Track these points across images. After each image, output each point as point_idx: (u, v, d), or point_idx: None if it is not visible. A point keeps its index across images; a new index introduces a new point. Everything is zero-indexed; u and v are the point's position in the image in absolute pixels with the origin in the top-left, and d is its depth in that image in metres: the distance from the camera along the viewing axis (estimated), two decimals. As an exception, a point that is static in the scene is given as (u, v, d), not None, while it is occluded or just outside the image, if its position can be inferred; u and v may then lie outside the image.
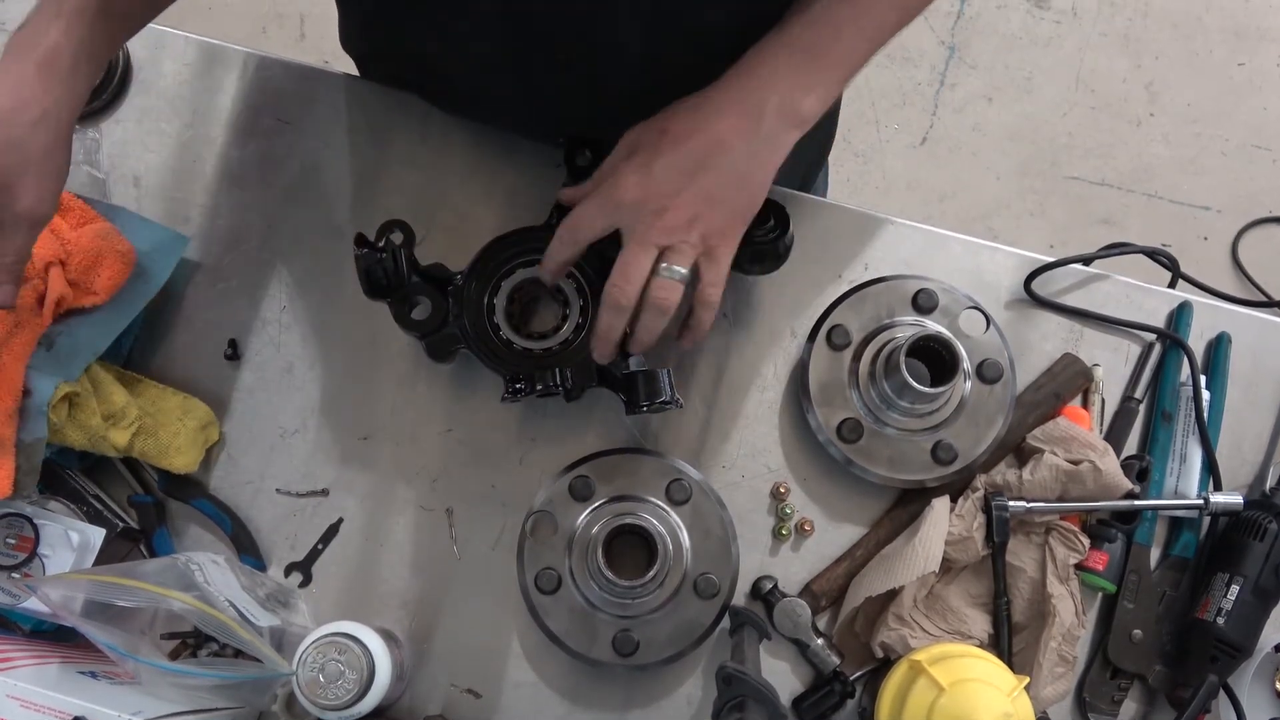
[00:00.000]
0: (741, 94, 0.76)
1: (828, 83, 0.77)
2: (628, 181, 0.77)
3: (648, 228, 0.77)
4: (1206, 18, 2.32)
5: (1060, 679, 0.89)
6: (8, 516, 0.87)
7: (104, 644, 0.78)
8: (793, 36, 0.76)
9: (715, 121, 0.76)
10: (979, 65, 2.29)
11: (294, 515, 0.95)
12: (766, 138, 0.76)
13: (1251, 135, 2.26)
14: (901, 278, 0.95)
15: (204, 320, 0.97)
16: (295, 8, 2.31)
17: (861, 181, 2.24)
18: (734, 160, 0.76)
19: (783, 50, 0.76)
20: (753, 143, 0.76)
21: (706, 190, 0.76)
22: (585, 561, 0.89)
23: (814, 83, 0.76)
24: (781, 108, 0.76)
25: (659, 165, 0.76)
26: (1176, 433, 0.96)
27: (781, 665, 0.93)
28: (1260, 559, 0.89)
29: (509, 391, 0.87)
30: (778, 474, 0.96)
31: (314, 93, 1.01)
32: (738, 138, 0.76)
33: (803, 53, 0.76)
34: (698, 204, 0.76)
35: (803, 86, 0.76)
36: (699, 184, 0.76)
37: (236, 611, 0.81)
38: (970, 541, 0.90)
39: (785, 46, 0.76)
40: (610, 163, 0.81)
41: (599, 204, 0.79)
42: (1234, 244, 2.21)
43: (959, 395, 0.92)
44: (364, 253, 0.85)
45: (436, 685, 0.93)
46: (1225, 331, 0.98)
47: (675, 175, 0.76)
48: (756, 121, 0.76)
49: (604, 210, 0.79)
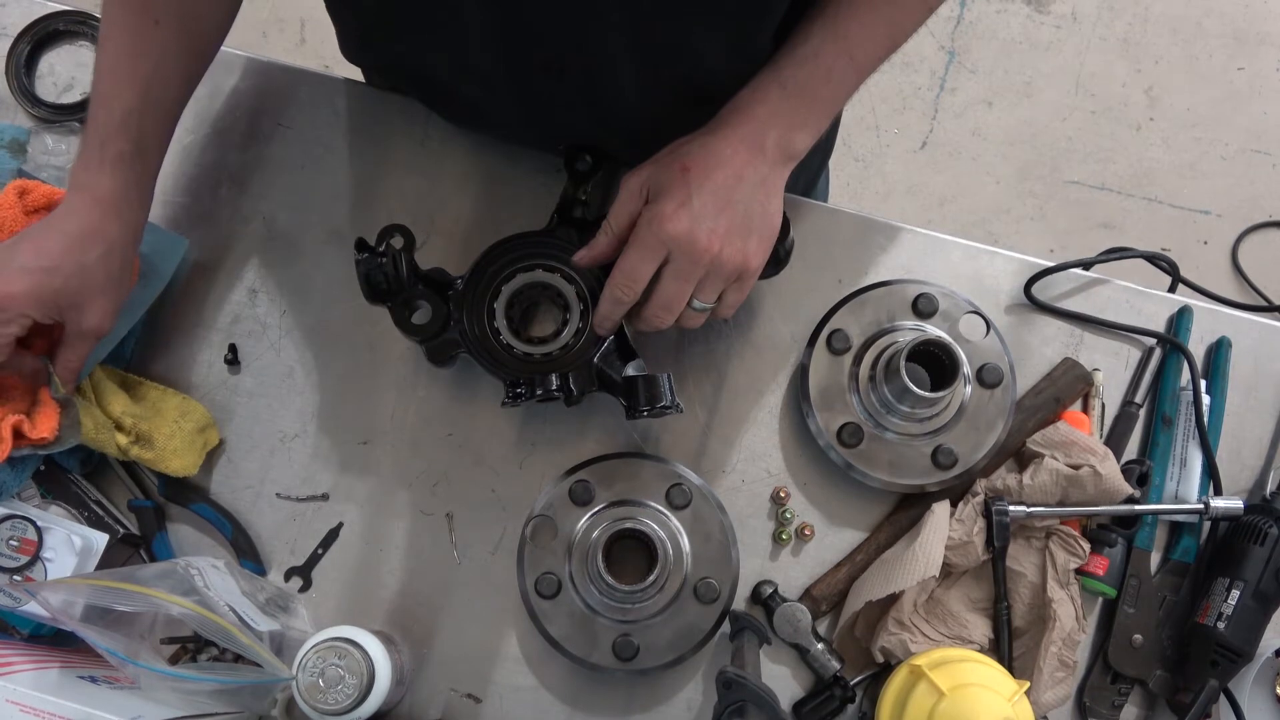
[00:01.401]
0: (745, 132, 0.79)
1: (819, 119, 0.82)
2: (674, 219, 0.78)
3: (693, 263, 0.79)
4: (1206, 22, 2.32)
5: (1061, 684, 0.89)
6: (11, 519, 0.87)
7: (104, 649, 0.78)
8: (785, 77, 0.80)
9: (730, 158, 0.79)
10: (979, 70, 2.29)
11: (294, 520, 0.95)
12: (771, 169, 0.80)
13: (1251, 140, 2.27)
14: (901, 282, 0.95)
15: (204, 325, 0.97)
16: (295, 13, 2.31)
17: (861, 186, 2.24)
18: (753, 192, 0.80)
19: (776, 90, 0.80)
20: (764, 175, 0.80)
21: (739, 221, 0.79)
22: (585, 566, 0.89)
23: (806, 121, 0.81)
24: (780, 144, 0.80)
25: (698, 202, 0.78)
26: (1177, 437, 0.96)
27: (782, 670, 0.93)
28: (1261, 564, 0.89)
29: (509, 396, 0.87)
30: (778, 478, 0.96)
31: (314, 97, 1.01)
32: (752, 171, 0.79)
33: (796, 94, 0.80)
34: (734, 235, 0.79)
35: (797, 125, 0.80)
36: (732, 216, 0.79)
37: (236, 616, 0.81)
38: (970, 546, 0.90)
39: (780, 87, 0.80)
40: (623, 209, 0.83)
41: (647, 248, 0.80)
42: (1234, 248, 2.21)
43: (959, 400, 0.92)
44: (364, 257, 0.85)
45: (436, 690, 0.93)
46: (1225, 336, 0.98)
47: (713, 210, 0.78)
48: (761, 156, 0.79)
49: (654, 253, 0.80)
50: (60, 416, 0.85)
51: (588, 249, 0.86)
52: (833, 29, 0.79)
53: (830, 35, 0.79)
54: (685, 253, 0.79)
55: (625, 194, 0.83)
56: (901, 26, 0.82)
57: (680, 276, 0.81)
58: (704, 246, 0.79)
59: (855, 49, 0.80)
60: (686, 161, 0.79)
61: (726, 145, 0.79)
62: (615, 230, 0.83)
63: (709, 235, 0.78)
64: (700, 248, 0.79)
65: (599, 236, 0.85)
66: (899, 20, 0.82)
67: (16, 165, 0.97)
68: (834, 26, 0.79)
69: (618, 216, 0.83)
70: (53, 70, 1.02)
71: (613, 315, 0.86)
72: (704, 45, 0.80)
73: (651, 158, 0.82)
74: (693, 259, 0.79)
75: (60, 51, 1.02)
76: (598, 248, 0.85)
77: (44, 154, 0.98)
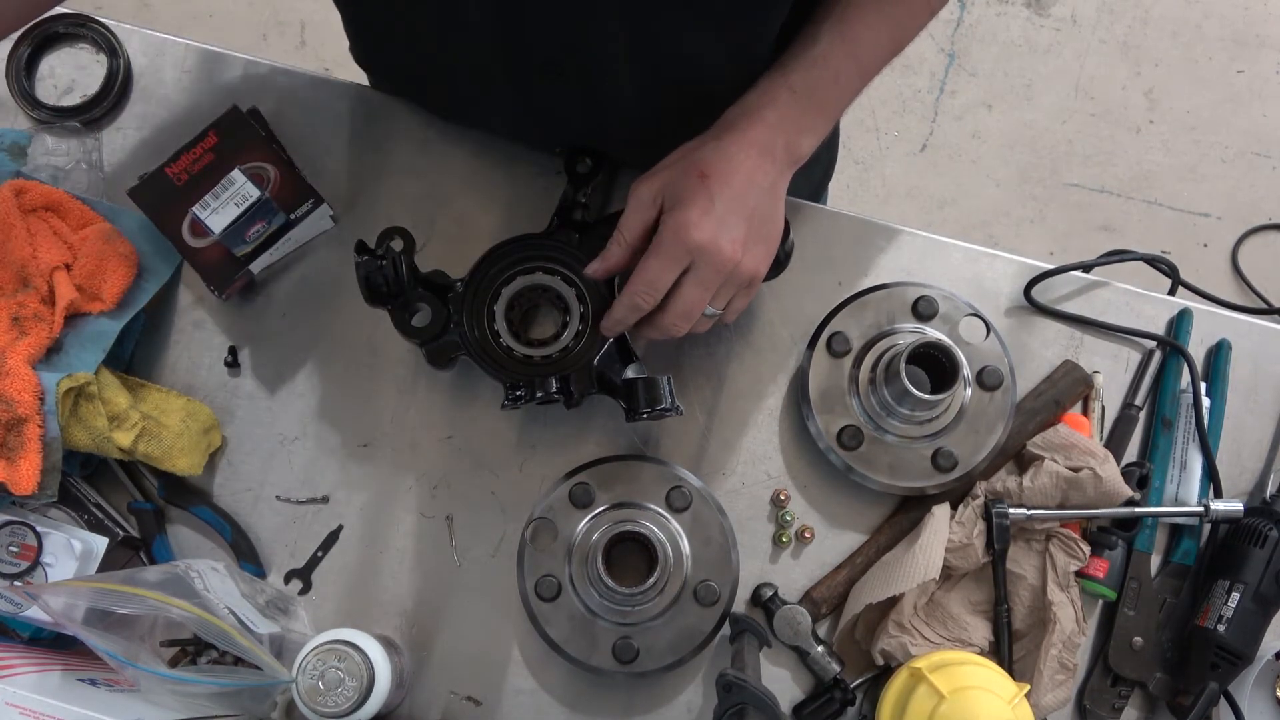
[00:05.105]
0: (754, 135, 0.79)
1: (825, 123, 0.82)
2: (699, 228, 0.77)
3: (716, 271, 0.79)
4: (1206, 25, 2.32)
5: (1061, 686, 0.89)
6: (11, 525, 0.87)
7: (104, 651, 0.78)
8: (794, 80, 0.79)
9: (744, 162, 0.78)
10: (979, 72, 2.29)
11: (294, 522, 0.95)
12: (779, 174, 0.80)
13: (1251, 142, 2.27)
14: (901, 285, 0.95)
15: (204, 328, 0.97)
16: (296, 15, 2.31)
17: (861, 189, 2.24)
18: (764, 197, 0.80)
19: (785, 93, 0.79)
20: (773, 180, 0.80)
21: (755, 228, 0.80)
22: (585, 568, 0.89)
23: (814, 124, 0.81)
24: (787, 147, 0.80)
25: (720, 209, 0.78)
26: (1177, 440, 0.96)
27: (782, 672, 0.93)
28: (1261, 566, 0.89)
29: (509, 398, 0.87)
30: (778, 481, 0.96)
31: (314, 100, 1.01)
32: (763, 176, 0.79)
33: (805, 98, 0.80)
34: (749, 241, 0.79)
35: (805, 129, 0.81)
36: (750, 223, 0.79)
37: (236, 619, 0.81)
38: (970, 548, 0.90)
39: (789, 90, 0.79)
40: (638, 218, 0.81)
41: (670, 257, 0.79)
42: (1234, 251, 2.21)
43: (959, 402, 0.92)
44: (364, 260, 0.85)
45: (436, 692, 0.93)
46: (1225, 338, 0.98)
47: (736, 216, 0.78)
48: (772, 160, 0.79)
49: (678, 262, 0.79)
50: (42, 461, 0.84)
51: (601, 260, 0.85)
52: (840, 32, 0.79)
53: (838, 38, 0.79)
54: (710, 262, 0.78)
55: (637, 202, 0.81)
56: (906, 30, 0.82)
57: (702, 284, 0.80)
58: (728, 255, 0.78)
59: (862, 52, 0.80)
60: (704, 168, 0.78)
61: (739, 150, 0.78)
62: (630, 240, 0.82)
63: (732, 244, 0.78)
64: (725, 256, 0.78)
65: (611, 247, 0.84)
66: (904, 23, 0.82)
67: (15, 168, 0.97)
68: (841, 29, 0.79)
69: (631, 226, 0.82)
70: (53, 73, 1.02)
71: (627, 321, 0.84)
72: (702, 47, 0.80)
73: (660, 164, 0.82)
74: (716, 268, 0.79)
75: (60, 54, 1.02)
76: (612, 258, 0.84)
77: (44, 154, 0.98)
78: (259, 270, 0.95)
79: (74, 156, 0.98)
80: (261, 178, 0.93)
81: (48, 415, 0.84)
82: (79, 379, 0.86)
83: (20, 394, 0.83)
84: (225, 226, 0.89)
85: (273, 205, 0.91)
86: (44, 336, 0.88)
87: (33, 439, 0.84)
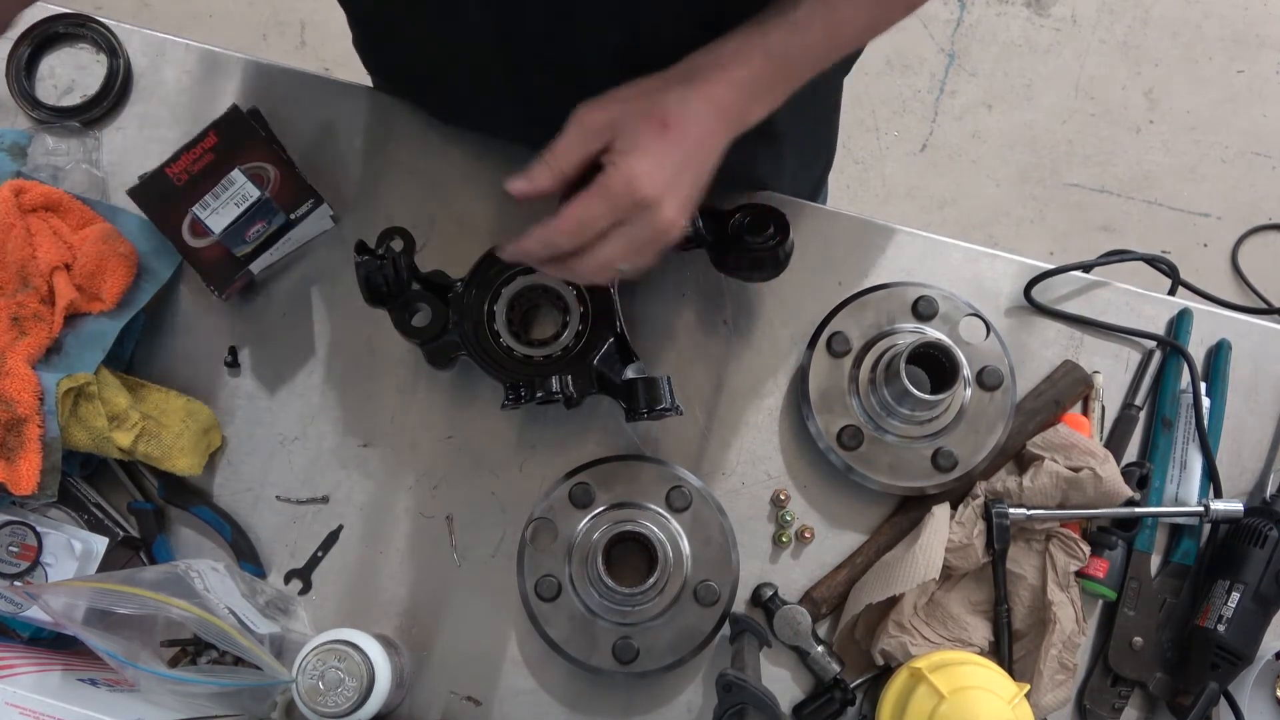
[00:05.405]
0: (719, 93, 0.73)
1: (784, 95, 0.77)
2: (650, 181, 0.71)
3: (652, 230, 0.73)
4: (1205, 25, 2.32)
5: (1061, 686, 0.89)
6: (11, 525, 0.87)
7: (104, 651, 0.78)
8: (772, 43, 0.74)
9: (705, 120, 0.73)
10: (979, 73, 2.29)
11: (294, 522, 0.95)
12: (728, 139, 0.75)
13: (1251, 142, 2.27)
14: (901, 285, 0.95)
15: (204, 328, 0.97)
16: (296, 15, 2.31)
17: (861, 189, 2.24)
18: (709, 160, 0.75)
19: (759, 55, 0.74)
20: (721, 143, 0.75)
21: (695, 192, 0.75)
22: (585, 568, 0.89)
23: (773, 95, 0.76)
24: (742, 113, 0.75)
25: (672, 166, 0.72)
26: (1177, 440, 0.96)
27: (782, 672, 0.93)
28: (1261, 566, 0.89)
29: (509, 398, 0.87)
30: (778, 481, 0.96)
31: (314, 100, 1.01)
32: (716, 140, 0.74)
33: (778, 64, 0.75)
34: (686, 203, 0.75)
35: (764, 97, 0.75)
36: (693, 185, 0.74)
37: (236, 619, 0.81)
38: (970, 549, 0.90)
39: (764, 52, 0.74)
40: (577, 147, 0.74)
41: (611, 203, 0.72)
42: (1234, 251, 2.21)
43: (959, 402, 0.92)
44: (364, 260, 0.85)
45: (436, 692, 0.93)
46: (1225, 338, 0.98)
47: (686, 175, 0.73)
48: (727, 125, 0.74)
49: (618, 210, 0.72)
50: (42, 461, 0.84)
51: (525, 179, 0.75)
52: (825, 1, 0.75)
53: (820, 5, 0.74)
54: (649, 220, 0.72)
55: (580, 130, 0.73)
56: (885, 15, 0.79)
57: (631, 241, 0.73)
58: (669, 217, 0.72)
59: (843, 27, 0.76)
60: (667, 117, 0.71)
61: (704, 106, 0.72)
62: (561, 168, 0.74)
63: (675, 206, 0.72)
64: (664, 218, 0.72)
65: (539, 168, 0.74)
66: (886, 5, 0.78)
67: (15, 168, 0.97)
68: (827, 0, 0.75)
69: (566, 153, 0.74)
70: (53, 73, 1.02)
71: (535, 256, 0.76)
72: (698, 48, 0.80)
73: (614, 94, 0.74)
74: (654, 227, 0.72)
75: (60, 54, 1.02)
76: (539, 180, 0.75)
77: (44, 154, 0.98)
78: (259, 270, 0.95)
79: (74, 156, 0.98)
80: (261, 178, 0.93)
81: (48, 415, 0.84)
82: (79, 379, 0.87)
83: (20, 394, 0.83)
84: (225, 226, 0.89)
85: (273, 205, 0.91)
86: (44, 336, 0.88)
87: (32, 439, 0.84)
